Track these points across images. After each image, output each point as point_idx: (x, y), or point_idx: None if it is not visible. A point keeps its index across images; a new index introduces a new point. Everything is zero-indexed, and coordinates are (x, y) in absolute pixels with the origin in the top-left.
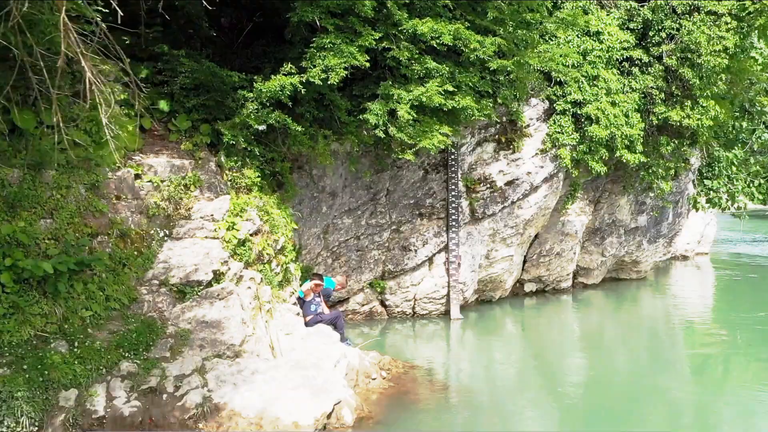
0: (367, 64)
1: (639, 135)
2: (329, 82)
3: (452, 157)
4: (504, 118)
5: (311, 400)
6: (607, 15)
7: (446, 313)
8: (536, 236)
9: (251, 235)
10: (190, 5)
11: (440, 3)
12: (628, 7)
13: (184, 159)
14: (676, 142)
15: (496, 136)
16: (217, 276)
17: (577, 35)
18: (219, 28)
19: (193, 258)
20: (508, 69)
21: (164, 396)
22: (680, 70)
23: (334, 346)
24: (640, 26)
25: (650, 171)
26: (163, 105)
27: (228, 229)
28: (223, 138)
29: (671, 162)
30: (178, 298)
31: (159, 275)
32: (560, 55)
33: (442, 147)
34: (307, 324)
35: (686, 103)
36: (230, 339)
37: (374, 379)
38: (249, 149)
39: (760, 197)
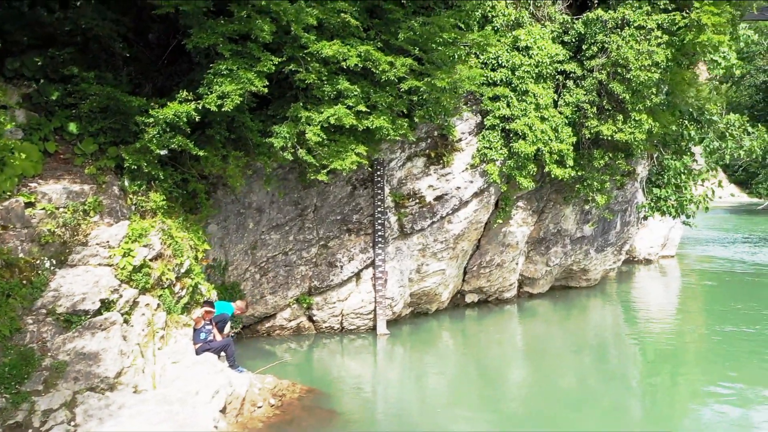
0: (265, 90)
1: (569, 149)
2: (224, 109)
3: (378, 173)
4: (435, 133)
5: None
6: (542, 28)
7: (375, 328)
8: (477, 247)
9: (151, 260)
10: (99, 26)
11: (352, 24)
12: (562, 21)
13: (86, 184)
14: (611, 155)
15: (427, 151)
16: (107, 304)
17: (506, 50)
18: (146, 44)
19: (82, 286)
20: (421, 89)
21: (29, 431)
22: (610, 85)
23: (217, 376)
24: (575, 39)
25: (585, 184)
26: (73, 127)
27: (123, 256)
28: (125, 163)
29: (606, 175)
30: (65, 328)
31: (47, 304)
32: (467, 77)
33: (355, 167)
34: (197, 352)
35: (618, 117)
36: (105, 371)
37: (260, 407)
38: (153, 173)
39: (707, 205)
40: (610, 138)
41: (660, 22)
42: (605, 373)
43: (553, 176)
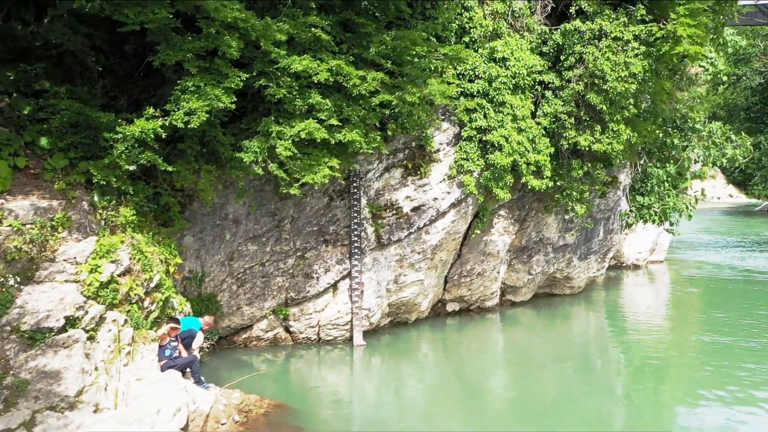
0: (233, 106)
1: (546, 160)
2: (190, 126)
3: (354, 185)
4: (413, 144)
5: None
6: (520, 38)
7: (352, 338)
8: (458, 256)
9: (119, 275)
10: (70, 41)
11: (323, 38)
12: (541, 31)
13: (55, 199)
14: (590, 165)
15: (404, 162)
16: (72, 321)
17: (483, 61)
18: (123, 56)
19: (47, 303)
20: (393, 103)
21: None
22: (587, 96)
23: (180, 393)
24: (553, 50)
25: (564, 194)
26: (44, 142)
27: (90, 272)
28: (93, 178)
29: (585, 185)
30: (29, 346)
31: (12, 321)
32: (438, 91)
33: (327, 181)
34: (162, 368)
35: (596, 128)
36: (65, 390)
37: (223, 424)
38: (123, 188)
39: (690, 214)
40: (588, 149)
41: (637, 33)
42: (586, 382)
43: (530, 187)
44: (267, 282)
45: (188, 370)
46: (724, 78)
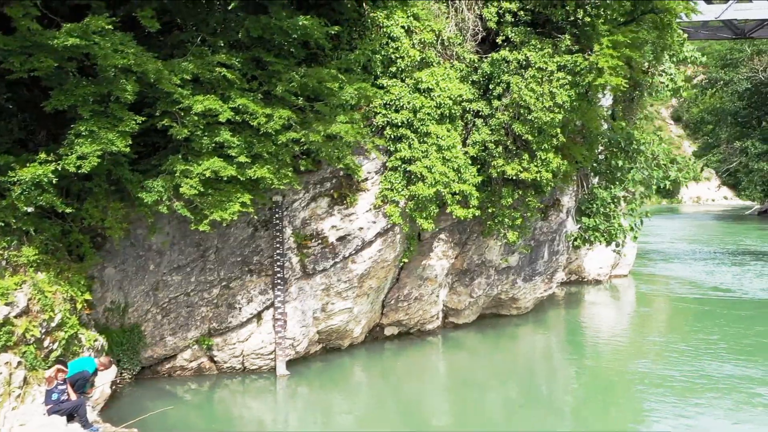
0: (127, 149)
1: (473, 189)
2: (81, 171)
3: (276, 215)
4: (341, 173)
5: None
6: (450, 67)
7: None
8: (397, 280)
9: (15, 317)
10: None
11: (230, 77)
12: (470, 60)
13: None
14: (521, 192)
15: (331, 191)
16: None
17: (408, 92)
18: (43, 89)
19: None
20: (302, 140)
21: None
22: (513, 125)
23: None
24: (483, 79)
25: (496, 220)
26: None
27: None
28: None
29: (517, 212)
30: None
31: None
32: (344, 130)
33: (236, 218)
34: (48, 413)
35: (524, 156)
36: None
37: None
38: (24, 228)
39: (636, 235)
40: (515, 177)
41: (563, 64)
42: (528, 404)
43: (455, 217)
44: (191, 312)
45: (75, 414)
46: (684, 94)
